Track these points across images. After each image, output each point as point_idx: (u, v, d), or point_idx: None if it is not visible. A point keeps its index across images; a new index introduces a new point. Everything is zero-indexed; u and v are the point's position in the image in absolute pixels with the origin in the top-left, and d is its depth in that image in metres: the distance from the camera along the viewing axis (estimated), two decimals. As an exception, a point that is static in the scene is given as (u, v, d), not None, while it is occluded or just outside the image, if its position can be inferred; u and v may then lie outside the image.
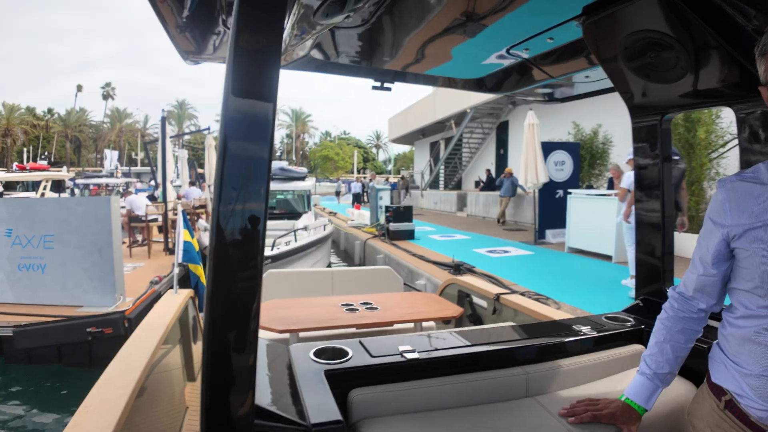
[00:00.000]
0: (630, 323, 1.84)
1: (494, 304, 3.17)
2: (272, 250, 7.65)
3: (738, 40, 1.38)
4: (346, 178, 49.49)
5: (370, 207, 14.60)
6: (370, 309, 3.05)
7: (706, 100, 1.68)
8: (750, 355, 1.09)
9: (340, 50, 2.02)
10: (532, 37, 1.80)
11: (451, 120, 22.45)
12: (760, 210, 1.06)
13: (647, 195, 1.98)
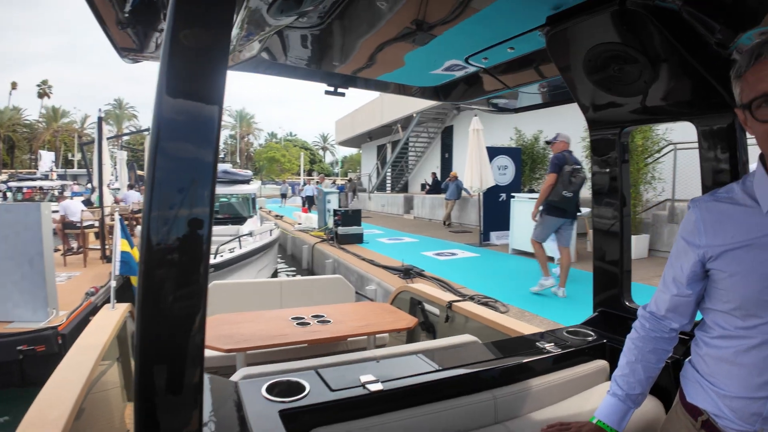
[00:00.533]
0: (592, 338, 1.83)
1: (447, 311, 3.15)
2: (215, 258, 7.31)
3: (702, 54, 1.39)
4: (293, 180, 48.66)
5: (318, 210, 14.38)
6: (322, 322, 2.94)
7: (667, 114, 1.69)
8: (728, 376, 1.07)
9: (292, 52, 1.91)
10: (493, 47, 1.76)
11: (397, 124, 22.58)
12: (736, 231, 1.05)
13: (605, 207, 1.98)
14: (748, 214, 1.04)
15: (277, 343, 2.60)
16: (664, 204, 8.80)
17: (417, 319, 3.13)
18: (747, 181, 1.08)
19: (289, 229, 14.94)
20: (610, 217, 1.96)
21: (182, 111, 0.73)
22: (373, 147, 29.58)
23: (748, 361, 1.03)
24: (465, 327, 2.95)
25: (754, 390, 1.02)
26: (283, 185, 35.48)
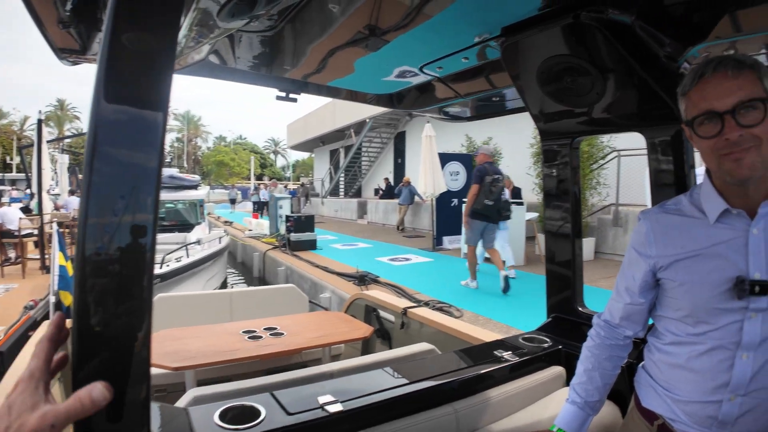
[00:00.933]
0: (547, 344, 1.85)
1: (402, 318, 3.12)
2: (161, 267, 6.98)
3: (652, 67, 1.42)
4: (242, 184, 47.50)
5: (270, 216, 14.08)
6: (275, 335, 2.83)
7: (617, 125, 1.73)
8: (682, 381, 1.10)
9: (242, 56, 1.83)
10: (448, 56, 1.76)
11: (350, 129, 22.54)
12: (685, 241, 1.08)
13: (557, 215, 2.01)
14: (696, 225, 1.07)
15: (227, 359, 2.48)
16: (609, 208, 9.20)
17: (373, 328, 3.08)
18: (694, 193, 1.12)
19: (239, 235, 14.56)
20: (562, 225, 1.99)
21: (122, 115, 0.67)
22: (326, 151, 29.39)
23: (700, 367, 1.06)
24: (420, 333, 2.94)
25: (708, 394, 1.04)
26: (232, 190, 34.28)
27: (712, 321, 1.03)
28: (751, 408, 1.01)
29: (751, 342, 0.99)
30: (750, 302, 0.98)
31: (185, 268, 7.65)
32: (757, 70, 0.95)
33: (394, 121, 20.62)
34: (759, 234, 0.99)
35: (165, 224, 10.72)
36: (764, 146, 0.94)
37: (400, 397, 1.41)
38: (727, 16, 1.31)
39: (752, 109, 0.93)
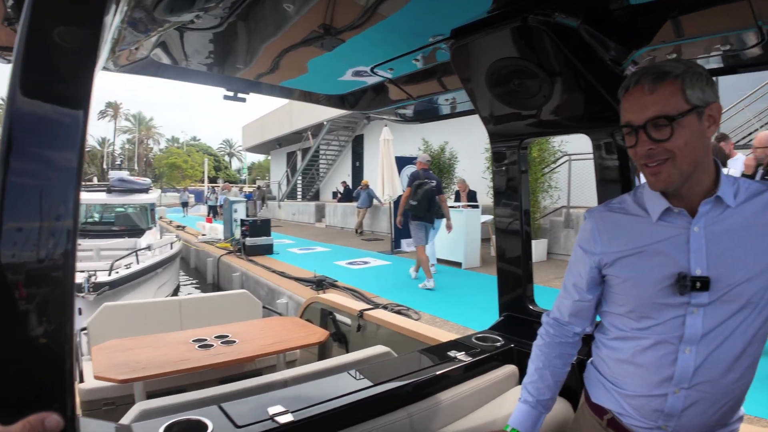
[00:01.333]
0: (500, 343, 1.87)
1: (358, 320, 3.10)
2: (110, 275, 6.67)
3: (597, 70, 1.46)
4: (196, 187, 46.17)
5: (224, 220, 13.73)
6: (227, 343, 2.75)
7: (564, 127, 1.77)
8: (628, 375, 1.12)
9: (187, 54, 1.76)
10: (399, 57, 1.75)
11: (308, 131, 22.33)
12: (629, 239, 1.11)
13: (507, 215, 2.04)
14: (640, 223, 1.11)
15: (177, 369, 2.40)
16: (561, 211, 9.51)
17: (328, 332, 3.04)
18: (638, 192, 1.15)
19: (193, 240, 14.12)
20: (512, 225, 2.02)
21: (39, 113, 0.62)
22: (283, 154, 28.98)
23: (645, 361, 1.08)
24: (377, 335, 2.93)
25: (653, 388, 1.07)
26: (183, 193, 33.02)
27: (656, 316, 1.06)
28: (695, 401, 1.04)
29: (693, 336, 1.02)
30: (691, 297, 1.01)
31: (135, 275, 7.38)
32: (681, 81, 0.98)
33: (352, 124, 20.58)
34: (699, 232, 1.03)
35: (114, 229, 10.34)
36: (678, 159, 0.99)
37: (353, 404, 1.38)
38: (670, 21, 1.36)
39: (659, 126, 0.98)
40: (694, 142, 0.99)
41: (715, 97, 1.00)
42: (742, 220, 1.02)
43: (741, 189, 1.05)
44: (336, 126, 20.72)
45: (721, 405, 1.04)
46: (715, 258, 1.01)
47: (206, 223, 16.72)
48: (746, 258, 1.00)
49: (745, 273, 0.99)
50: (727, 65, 1.60)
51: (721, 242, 1.01)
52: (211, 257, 11.32)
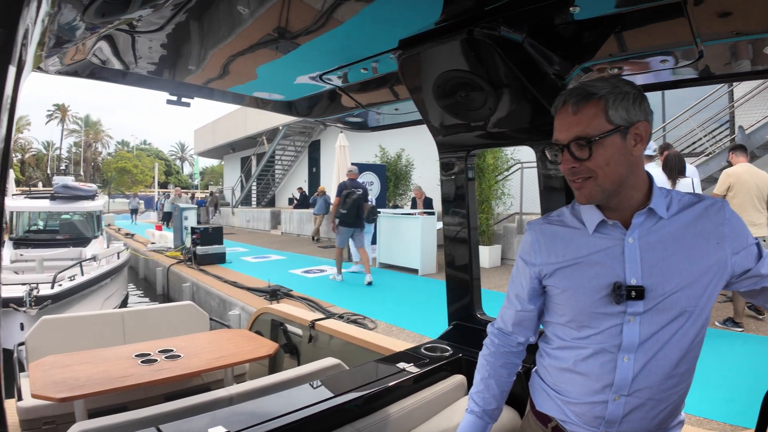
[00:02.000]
0: (449, 353, 1.87)
1: (309, 331, 3.04)
2: (52, 288, 6.31)
3: (542, 84, 1.49)
4: (146, 193, 44.52)
5: (174, 228, 13.27)
6: (172, 358, 2.64)
7: (510, 139, 1.80)
8: (570, 383, 1.14)
9: (128, 57, 1.68)
10: (348, 65, 1.74)
11: (263, 136, 21.99)
12: (567, 250, 1.14)
13: (454, 225, 2.05)
14: (577, 235, 1.14)
15: (118, 387, 2.29)
16: (513, 217, 9.76)
17: (277, 345, 2.97)
18: (575, 205, 1.18)
19: (141, 249, 13.58)
20: (459, 235, 2.04)
21: None
22: (237, 159, 28.39)
23: (585, 369, 1.10)
24: (329, 346, 2.89)
25: (594, 395, 1.09)
26: (133, 199, 31.62)
27: (594, 325, 1.08)
28: (635, 407, 1.06)
29: (631, 344, 1.04)
30: (628, 306, 1.04)
31: (80, 287, 7.02)
32: (604, 101, 1.01)
33: (308, 129, 20.42)
34: (634, 243, 1.06)
35: (58, 238, 9.82)
36: (600, 178, 1.03)
37: (296, 423, 1.34)
38: (613, 37, 1.40)
39: (581, 146, 1.02)
40: (617, 161, 1.02)
41: (642, 116, 1.03)
42: (675, 231, 1.06)
43: (674, 201, 1.09)
44: (292, 131, 20.51)
45: (661, 410, 1.07)
46: (649, 268, 1.04)
47: (156, 230, 16.11)
48: (679, 267, 1.03)
49: (679, 282, 1.03)
50: (667, 80, 1.67)
51: (655, 252, 1.05)
52: (161, 267, 10.90)
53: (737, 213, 1.10)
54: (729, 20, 1.27)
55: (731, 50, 1.44)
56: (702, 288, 1.03)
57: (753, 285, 1.09)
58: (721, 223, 1.06)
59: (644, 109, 1.04)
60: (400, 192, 13.58)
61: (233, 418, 1.35)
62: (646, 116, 1.04)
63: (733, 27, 1.29)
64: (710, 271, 1.04)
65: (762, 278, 1.08)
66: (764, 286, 1.09)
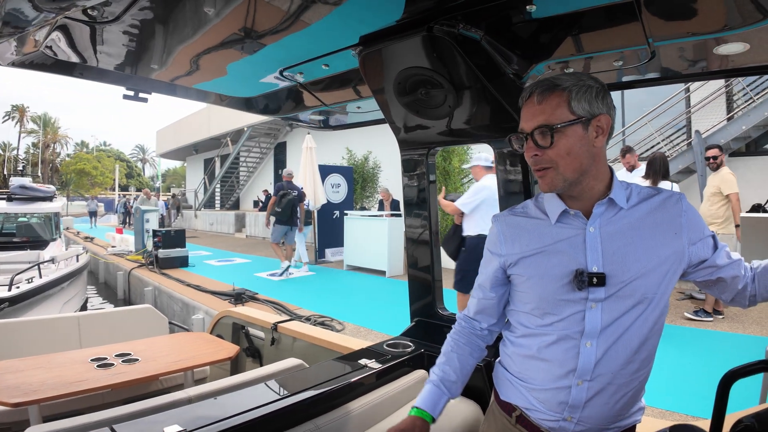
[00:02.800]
0: (411, 348, 1.88)
1: (272, 334, 3.00)
2: (9, 290, 6.05)
3: (499, 82, 1.52)
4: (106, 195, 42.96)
5: (135, 231, 12.86)
6: (129, 362, 2.56)
7: (469, 137, 1.82)
8: (534, 370, 1.16)
9: (81, 50, 1.62)
10: (308, 62, 1.73)
11: (227, 137, 21.58)
12: (531, 240, 1.17)
13: (416, 222, 2.07)
14: (540, 225, 1.17)
15: (73, 391, 2.22)
16: (477, 218, 9.85)
17: (239, 347, 2.92)
18: (539, 197, 1.22)
19: (101, 252, 13.11)
20: (420, 232, 2.06)
21: None
22: (200, 160, 27.76)
23: (549, 356, 1.13)
24: (293, 348, 2.86)
25: (558, 380, 1.12)
26: (92, 201, 30.36)
27: (557, 312, 1.11)
28: (597, 392, 1.10)
29: (593, 330, 1.08)
30: (589, 293, 1.08)
31: (38, 290, 6.75)
32: (568, 93, 1.06)
33: (274, 130, 20.16)
34: (595, 231, 1.10)
35: (15, 241, 9.37)
36: (561, 167, 1.07)
37: (256, 420, 1.33)
38: (569, 37, 1.44)
39: (544, 134, 1.06)
40: (578, 151, 1.06)
41: (604, 109, 1.07)
42: (634, 221, 1.10)
43: (633, 193, 1.14)
44: (257, 132, 20.21)
45: (622, 395, 1.11)
46: (610, 255, 1.08)
47: (116, 234, 15.58)
48: (638, 256, 1.08)
49: (638, 270, 1.07)
50: (621, 81, 1.72)
51: (615, 241, 1.09)
52: (122, 270, 10.57)
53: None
54: (679, 21, 1.32)
55: (683, 51, 1.50)
56: (660, 276, 1.08)
57: (709, 275, 1.15)
58: (679, 214, 1.11)
59: (607, 103, 1.08)
60: (368, 194, 13.59)
61: (190, 417, 1.32)
62: (608, 110, 1.08)
63: (683, 28, 1.34)
64: (668, 260, 1.09)
65: (718, 269, 1.14)
66: (720, 276, 1.14)
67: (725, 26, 1.30)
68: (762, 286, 1.15)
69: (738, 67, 1.57)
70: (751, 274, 1.15)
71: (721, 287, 1.17)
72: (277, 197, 8.52)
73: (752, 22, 1.25)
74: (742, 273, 1.15)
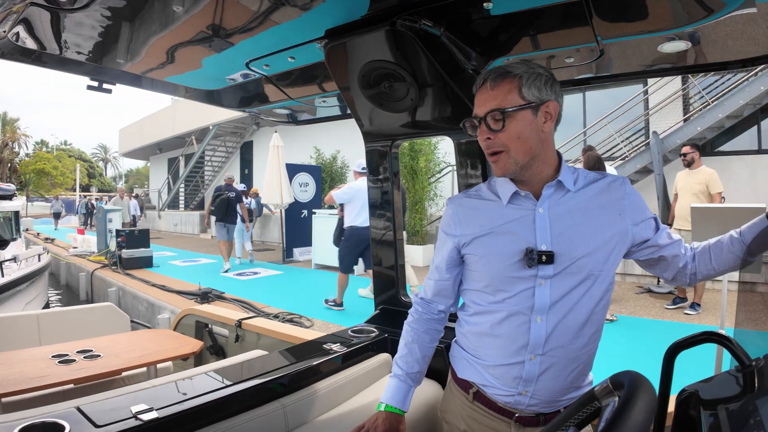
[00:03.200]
0: (374, 334, 1.93)
1: (236, 331, 3.00)
2: None
3: (459, 77, 1.58)
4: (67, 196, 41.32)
5: (98, 231, 12.47)
6: (91, 358, 2.53)
7: (431, 129, 1.88)
8: (489, 347, 1.22)
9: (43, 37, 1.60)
10: (274, 54, 1.74)
11: (192, 135, 21.13)
12: (484, 221, 1.23)
13: (379, 212, 2.11)
14: (493, 207, 1.23)
15: (34, 386, 2.18)
16: (445, 217, 10.02)
17: (203, 343, 2.90)
18: (492, 181, 1.29)
19: (63, 254, 12.67)
20: (384, 223, 2.11)
21: None
22: (164, 159, 27.06)
23: (502, 332, 1.19)
24: (258, 344, 2.86)
25: (511, 356, 1.18)
26: (56, 202, 28.81)
27: (509, 289, 1.17)
28: (549, 365, 1.16)
29: (543, 306, 1.15)
30: (539, 270, 1.14)
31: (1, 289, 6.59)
32: (519, 79, 1.12)
33: (240, 129, 19.86)
34: (544, 212, 1.17)
35: None
36: (513, 151, 1.14)
37: (223, 399, 1.35)
38: (525, 35, 1.52)
39: (496, 118, 1.12)
40: (528, 135, 1.13)
41: (553, 96, 1.14)
42: (581, 203, 1.18)
43: (580, 177, 1.22)
44: (223, 131, 19.85)
45: (572, 369, 1.18)
46: (558, 235, 1.15)
47: (78, 234, 15.07)
48: (585, 235, 1.15)
49: (585, 248, 1.14)
50: (575, 78, 1.81)
51: (563, 221, 1.16)
52: (84, 272, 10.24)
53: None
54: (625, 20, 1.39)
55: (629, 49, 1.57)
56: (606, 254, 1.16)
57: (651, 254, 1.24)
58: (622, 197, 1.20)
59: (555, 91, 1.15)
60: (336, 193, 13.58)
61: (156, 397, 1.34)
62: (556, 97, 1.15)
63: (629, 27, 1.42)
64: (613, 239, 1.17)
65: (660, 248, 1.23)
66: (661, 255, 1.24)
67: (668, 25, 1.37)
68: (702, 264, 1.24)
69: (681, 66, 1.66)
70: (691, 254, 1.25)
71: (663, 266, 1.27)
72: (213, 197, 9.44)
73: (693, 21, 1.33)
74: (683, 252, 1.25)
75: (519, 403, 1.19)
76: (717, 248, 1.23)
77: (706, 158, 9.16)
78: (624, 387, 0.72)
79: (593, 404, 0.83)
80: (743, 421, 0.89)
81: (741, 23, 1.32)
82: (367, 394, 1.68)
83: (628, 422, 0.63)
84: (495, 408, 1.23)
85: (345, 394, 1.65)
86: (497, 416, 1.23)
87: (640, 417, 0.64)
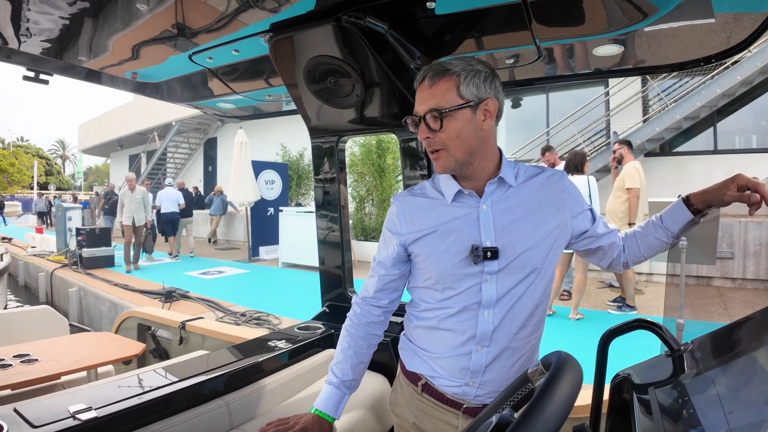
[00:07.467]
0: (321, 330, 1.93)
1: (180, 333, 2.95)
2: None
3: (404, 75, 1.58)
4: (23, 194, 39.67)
5: (57, 230, 12.03)
6: (28, 362, 2.45)
7: (377, 125, 1.88)
8: (437, 341, 1.23)
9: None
10: (217, 46, 1.70)
11: (154, 132, 20.59)
12: (428, 219, 1.23)
13: (326, 209, 2.10)
14: (437, 205, 1.24)
15: None
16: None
17: (145, 345, 2.84)
18: (435, 179, 1.29)
19: (21, 253, 12.17)
20: (330, 220, 2.10)
21: None
22: (125, 156, 26.28)
23: (450, 326, 1.20)
24: (203, 346, 2.82)
25: (459, 348, 1.20)
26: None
27: (456, 286, 1.19)
28: (495, 356, 1.18)
29: (489, 301, 1.16)
30: (484, 266, 1.15)
31: None
32: (457, 77, 1.12)
33: (203, 125, 19.44)
34: (487, 209, 1.18)
35: None
36: (452, 149, 1.13)
37: (165, 397, 1.33)
38: (468, 35, 1.53)
39: (434, 118, 1.12)
40: (467, 134, 1.13)
41: (492, 93, 1.14)
42: (523, 198, 1.20)
43: (521, 172, 1.23)
44: (186, 127, 19.40)
45: (518, 358, 1.21)
46: (501, 230, 1.17)
47: (36, 234, 14.50)
48: (527, 230, 1.17)
49: (527, 243, 1.16)
50: (515, 79, 1.84)
51: (506, 217, 1.18)
52: (43, 272, 9.88)
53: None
54: (561, 24, 1.42)
55: (566, 51, 1.61)
56: (547, 248, 1.18)
57: (589, 244, 1.29)
58: (561, 191, 1.22)
59: (495, 88, 1.15)
60: (303, 191, 13.49)
61: (95, 396, 1.31)
62: (496, 94, 1.15)
63: (565, 30, 1.45)
64: (553, 232, 1.19)
65: (597, 237, 1.28)
66: (599, 245, 1.28)
67: (602, 30, 1.41)
68: (631, 252, 1.31)
69: (614, 69, 1.70)
70: (622, 244, 1.31)
71: (600, 255, 1.31)
72: (104, 198, 11.28)
73: (623, 26, 1.38)
74: (617, 241, 1.30)
75: (466, 394, 1.21)
76: (642, 235, 1.30)
77: (664, 158, 9.55)
78: (552, 366, 0.75)
79: (527, 386, 0.86)
80: (673, 401, 0.93)
81: (670, 31, 1.38)
82: (313, 390, 1.68)
83: (554, 395, 0.65)
84: (443, 399, 1.24)
85: (291, 389, 1.65)
86: (445, 408, 1.24)
87: (565, 389, 0.67)
